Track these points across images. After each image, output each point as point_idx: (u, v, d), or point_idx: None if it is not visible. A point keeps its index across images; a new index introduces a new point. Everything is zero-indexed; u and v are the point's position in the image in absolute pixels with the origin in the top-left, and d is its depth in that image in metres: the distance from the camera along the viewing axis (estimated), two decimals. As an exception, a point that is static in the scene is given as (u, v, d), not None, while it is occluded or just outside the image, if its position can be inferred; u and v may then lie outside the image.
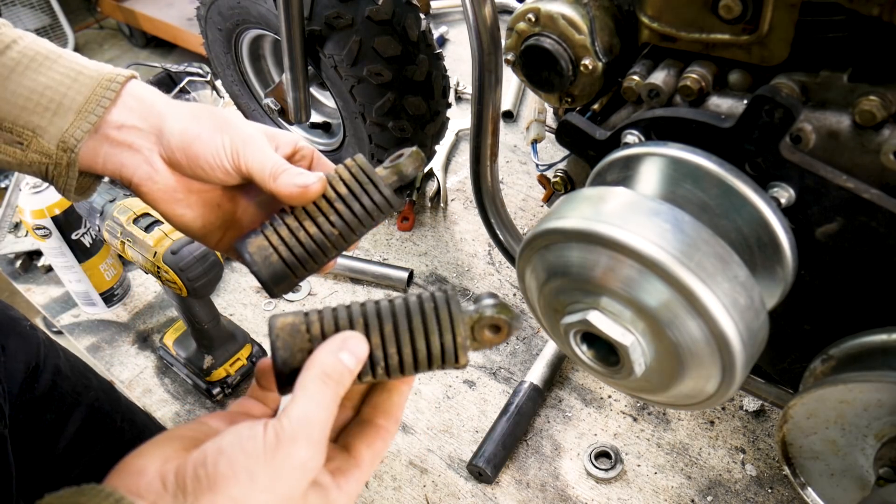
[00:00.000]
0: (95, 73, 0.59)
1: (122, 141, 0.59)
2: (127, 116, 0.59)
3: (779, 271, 0.71)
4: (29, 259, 1.45)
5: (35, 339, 0.92)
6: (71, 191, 0.61)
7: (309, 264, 0.60)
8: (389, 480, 1.05)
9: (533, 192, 1.51)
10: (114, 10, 3.21)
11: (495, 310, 0.51)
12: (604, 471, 1.02)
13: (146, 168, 0.59)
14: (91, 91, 0.58)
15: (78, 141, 0.57)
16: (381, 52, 1.18)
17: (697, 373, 0.67)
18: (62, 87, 0.58)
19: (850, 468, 0.71)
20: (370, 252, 1.41)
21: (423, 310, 0.51)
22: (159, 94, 0.62)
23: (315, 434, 0.45)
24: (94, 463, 0.95)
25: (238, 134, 0.58)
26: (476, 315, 0.52)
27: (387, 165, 0.62)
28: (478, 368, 1.18)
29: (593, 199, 0.68)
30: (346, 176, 0.60)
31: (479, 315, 0.52)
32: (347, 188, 0.60)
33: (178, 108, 0.60)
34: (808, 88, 0.67)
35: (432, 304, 0.51)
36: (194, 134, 0.58)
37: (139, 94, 0.60)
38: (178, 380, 1.22)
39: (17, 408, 0.87)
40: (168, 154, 0.59)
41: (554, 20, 0.79)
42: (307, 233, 0.59)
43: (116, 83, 0.59)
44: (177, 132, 0.58)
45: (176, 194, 0.61)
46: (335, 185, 0.60)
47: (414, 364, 0.51)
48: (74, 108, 0.57)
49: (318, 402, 0.46)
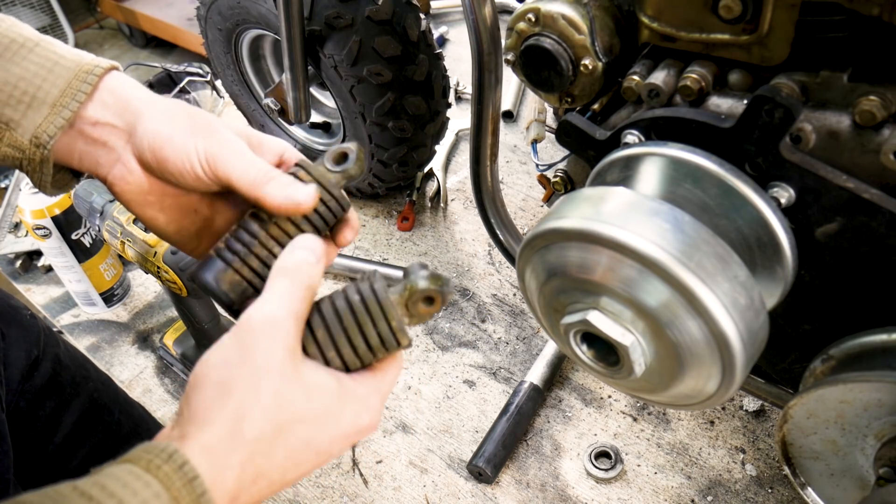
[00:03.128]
0: (73, 64, 0.56)
1: (97, 138, 0.56)
2: (102, 113, 0.56)
3: (779, 271, 0.71)
4: (29, 259, 1.45)
5: (35, 329, 0.92)
6: (47, 186, 0.58)
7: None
8: (389, 480, 1.05)
9: (533, 192, 1.51)
10: (114, 10, 3.21)
11: (426, 282, 0.51)
12: (604, 471, 1.02)
13: (120, 168, 0.57)
14: (67, 83, 0.55)
15: (51, 137, 0.55)
16: (381, 52, 1.18)
17: (697, 373, 0.67)
18: (37, 79, 0.55)
19: (850, 468, 0.71)
20: (370, 252, 1.41)
21: (352, 306, 0.50)
22: (139, 87, 0.58)
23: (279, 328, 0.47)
24: (92, 454, 0.95)
25: (216, 139, 0.55)
26: (406, 292, 0.51)
27: (335, 170, 0.57)
28: (478, 368, 1.18)
29: (593, 199, 0.68)
30: None
31: (409, 290, 0.51)
32: None
33: (155, 107, 0.56)
34: (808, 88, 0.67)
35: (358, 298, 0.50)
36: (166, 136, 0.55)
37: (116, 89, 0.57)
38: (178, 380, 1.22)
39: (18, 396, 0.87)
40: (139, 155, 0.56)
41: (554, 20, 0.79)
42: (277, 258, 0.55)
43: (93, 76, 0.56)
44: (149, 133, 0.55)
45: (149, 197, 0.58)
46: None
47: (358, 361, 0.51)
48: (49, 102, 0.55)
49: (277, 295, 0.48)
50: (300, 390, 0.47)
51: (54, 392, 0.92)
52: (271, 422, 0.46)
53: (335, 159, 0.57)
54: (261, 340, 0.47)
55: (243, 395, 0.45)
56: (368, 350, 0.51)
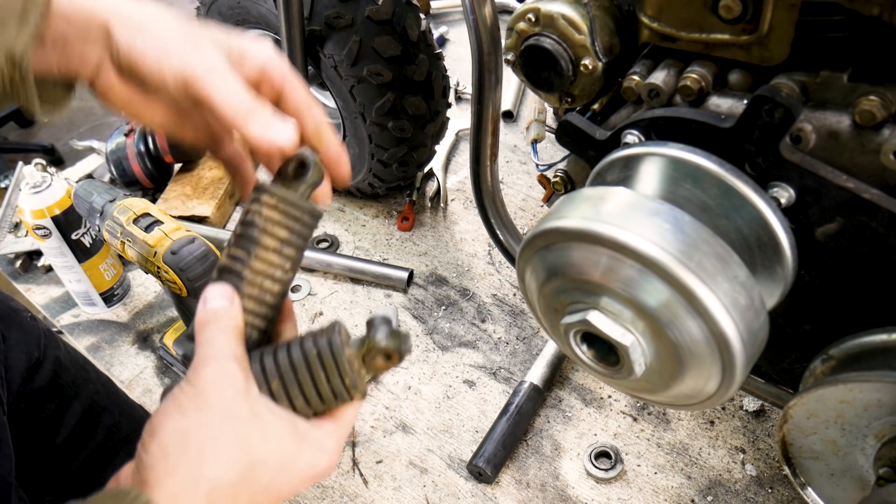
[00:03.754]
0: None
1: (71, 53, 0.53)
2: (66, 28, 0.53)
3: (779, 271, 0.71)
4: (29, 259, 1.45)
5: (36, 331, 0.92)
6: (34, 104, 0.54)
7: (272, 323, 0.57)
8: (389, 480, 1.05)
9: (533, 192, 1.51)
10: (114, 10, 3.21)
11: (385, 339, 0.52)
12: (604, 471, 1.02)
13: (102, 80, 0.54)
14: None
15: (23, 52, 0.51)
16: (381, 52, 1.18)
17: (697, 373, 0.67)
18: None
19: (850, 468, 0.71)
20: (370, 252, 1.41)
21: (308, 359, 0.52)
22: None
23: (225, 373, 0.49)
24: (93, 456, 0.95)
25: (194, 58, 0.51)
26: (364, 347, 0.52)
27: (297, 183, 0.56)
28: (478, 368, 1.18)
29: (593, 199, 0.68)
30: (277, 217, 0.55)
31: (368, 346, 0.52)
32: (286, 229, 0.55)
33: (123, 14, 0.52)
34: (808, 88, 0.67)
35: (315, 352, 0.52)
36: (138, 53, 0.51)
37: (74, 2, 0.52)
38: (178, 380, 1.22)
39: (19, 398, 0.87)
40: (117, 67, 0.53)
41: (554, 20, 0.79)
42: (271, 293, 0.55)
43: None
44: (122, 48, 0.52)
45: (137, 105, 0.56)
46: (271, 230, 0.55)
47: (310, 411, 0.53)
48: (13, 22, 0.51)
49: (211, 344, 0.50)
50: (257, 430, 0.48)
51: (55, 394, 0.92)
52: (233, 466, 0.47)
53: (294, 172, 0.56)
54: (212, 387, 0.48)
55: (202, 440, 0.46)
56: (321, 402, 0.52)
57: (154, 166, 1.48)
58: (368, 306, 1.30)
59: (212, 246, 1.01)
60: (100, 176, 1.61)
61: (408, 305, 1.30)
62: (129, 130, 1.48)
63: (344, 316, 1.29)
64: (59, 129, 3.56)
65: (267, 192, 0.55)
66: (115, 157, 1.47)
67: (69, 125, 3.56)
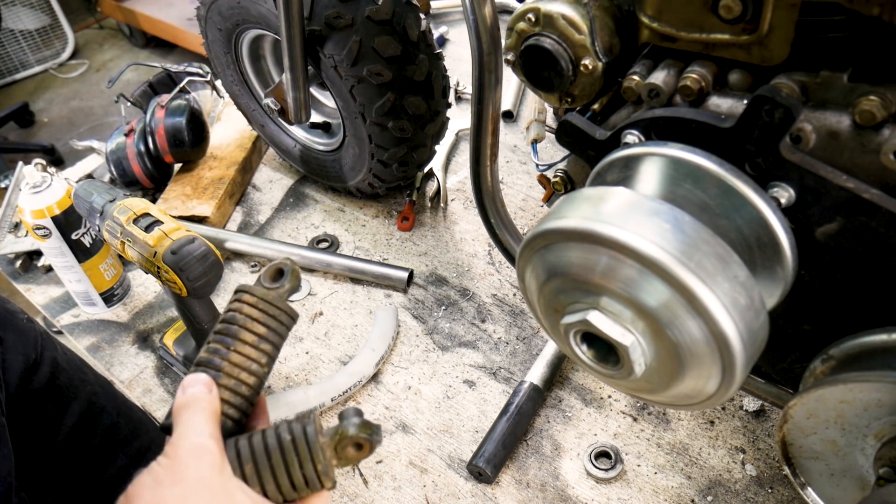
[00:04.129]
0: None
1: None
2: None
3: (779, 271, 0.71)
4: (29, 259, 1.45)
5: (33, 333, 0.92)
6: None
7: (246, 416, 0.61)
8: (389, 480, 1.05)
9: (533, 192, 1.51)
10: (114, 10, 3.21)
11: (356, 429, 0.54)
12: (604, 471, 1.02)
13: None
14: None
15: None
16: (381, 52, 1.18)
17: (697, 373, 0.67)
18: None
19: (850, 468, 0.71)
20: (370, 252, 1.41)
21: (282, 445, 0.53)
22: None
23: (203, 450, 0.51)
24: (91, 457, 0.96)
25: None
26: (337, 436, 0.54)
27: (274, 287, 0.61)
28: (478, 368, 1.18)
29: (593, 198, 0.68)
30: (256, 314, 0.60)
31: (340, 435, 0.54)
32: (264, 326, 0.60)
33: None
34: (808, 88, 0.67)
35: (290, 438, 0.53)
36: None
37: None
38: (178, 380, 1.22)
39: (17, 400, 0.87)
40: None
41: (554, 20, 0.79)
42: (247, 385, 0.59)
43: None
44: None
45: None
46: (251, 325, 0.59)
47: (281, 497, 0.54)
48: None
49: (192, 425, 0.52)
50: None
51: (53, 395, 0.93)
52: None
53: (272, 277, 0.62)
54: (189, 462, 0.50)
55: None
56: (292, 489, 0.54)
57: (154, 166, 1.48)
58: (368, 306, 1.30)
59: (212, 246, 1.01)
60: (100, 176, 1.61)
61: (408, 305, 1.30)
62: (129, 130, 1.48)
63: (344, 316, 1.29)
64: (59, 129, 3.56)
65: (248, 292, 0.61)
66: (115, 157, 1.47)
67: (69, 125, 3.56)
